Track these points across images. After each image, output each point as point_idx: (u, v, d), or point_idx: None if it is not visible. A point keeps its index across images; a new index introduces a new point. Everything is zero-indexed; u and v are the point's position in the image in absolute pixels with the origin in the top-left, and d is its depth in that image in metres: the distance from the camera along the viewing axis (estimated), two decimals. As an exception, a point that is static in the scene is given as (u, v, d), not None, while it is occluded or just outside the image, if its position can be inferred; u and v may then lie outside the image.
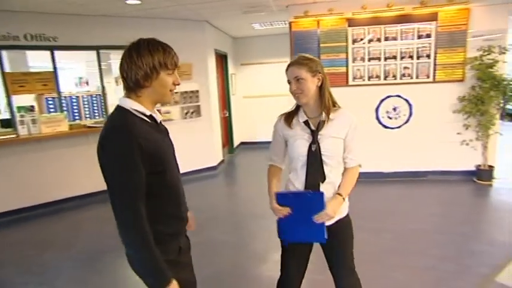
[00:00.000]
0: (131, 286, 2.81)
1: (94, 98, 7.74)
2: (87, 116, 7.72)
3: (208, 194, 5.10)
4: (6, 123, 4.75)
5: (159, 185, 1.31)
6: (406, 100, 4.99)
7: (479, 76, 4.58)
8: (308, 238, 1.75)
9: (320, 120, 1.69)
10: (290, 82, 1.70)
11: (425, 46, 4.80)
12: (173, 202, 1.40)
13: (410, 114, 5.01)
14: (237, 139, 8.06)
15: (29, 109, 4.37)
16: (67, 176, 4.81)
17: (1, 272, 3.20)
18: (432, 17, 4.70)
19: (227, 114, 7.44)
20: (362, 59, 4.97)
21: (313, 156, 1.67)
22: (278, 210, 1.69)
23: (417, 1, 4.68)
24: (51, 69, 4.67)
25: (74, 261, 3.31)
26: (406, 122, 5.03)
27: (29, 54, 5.70)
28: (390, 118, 5.07)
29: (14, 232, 4.13)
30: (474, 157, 4.86)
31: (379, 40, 4.89)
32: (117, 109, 1.31)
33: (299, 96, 1.67)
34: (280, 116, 1.82)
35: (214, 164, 6.27)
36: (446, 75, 4.81)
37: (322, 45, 4.99)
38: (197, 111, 5.89)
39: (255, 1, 4.61)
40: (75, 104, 7.56)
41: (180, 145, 1.92)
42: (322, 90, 1.69)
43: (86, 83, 9.01)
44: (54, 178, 4.72)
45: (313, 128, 1.69)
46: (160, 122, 1.40)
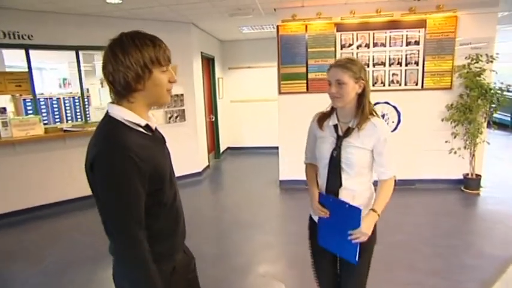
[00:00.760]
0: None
1: (76, 100, 7.50)
2: (68, 119, 7.48)
3: (191, 201, 4.89)
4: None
5: (156, 204, 1.17)
6: (394, 107, 4.93)
7: (467, 84, 4.56)
8: (340, 252, 1.73)
9: (349, 126, 1.64)
10: (330, 83, 1.62)
11: (413, 53, 4.75)
12: (170, 218, 1.26)
13: (398, 121, 4.95)
14: (224, 144, 7.89)
15: (0, 111, 4.12)
16: (43, 182, 4.55)
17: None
18: (421, 24, 4.67)
19: (214, 118, 7.27)
20: (350, 65, 4.88)
21: (333, 161, 1.66)
22: (320, 209, 1.69)
23: (406, 7, 4.63)
24: (26, 69, 4.43)
25: (45, 275, 3.07)
26: (394, 130, 4.95)
27: (5, 53, 5.43)
28: (378, 125, 4.98)
29: (-19, 242, 3.87)
30: (462, 166, 4.81)
31: (367, 46, 4.82)
32: (107, 120, 1.12)
33: (336, 100, 1.62)
34: (315, 115, 1.79)
35: (199, 170, 6.10)
36: (434, 82, 4.78)
37: (310, 50, 4.89)
38: (181, 115, 5.71)
39: (242, 3, 4.49)
40: (55, 106, 7.32)
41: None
42: (361, 97, 1.62)
43: (70, 84, 8.75)
44: (28, 184, 4.46)
45: (340, 134, 1.66)
46: (156, 129, 1.25)
